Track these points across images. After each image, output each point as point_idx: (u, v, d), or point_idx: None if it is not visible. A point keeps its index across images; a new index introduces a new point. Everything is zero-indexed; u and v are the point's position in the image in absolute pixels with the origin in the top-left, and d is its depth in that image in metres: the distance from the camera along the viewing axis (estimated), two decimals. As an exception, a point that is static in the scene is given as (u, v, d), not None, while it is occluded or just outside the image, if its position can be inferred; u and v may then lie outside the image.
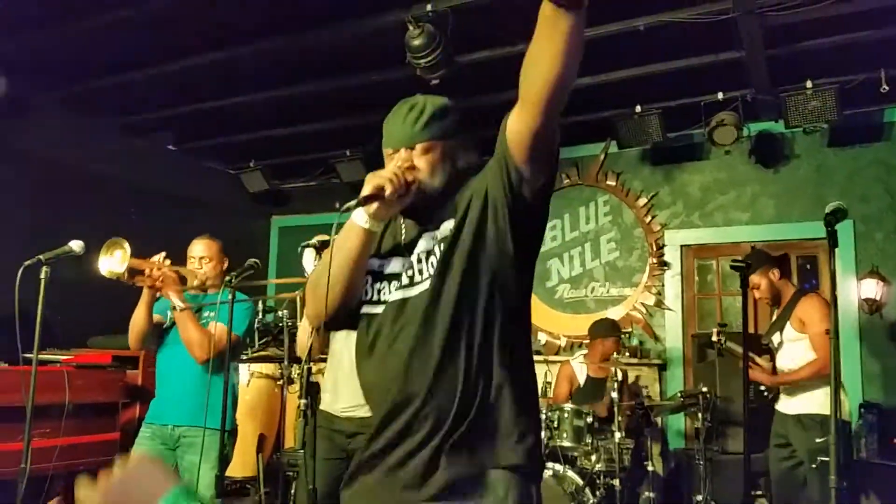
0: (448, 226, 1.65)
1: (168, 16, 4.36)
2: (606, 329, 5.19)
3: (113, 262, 3.17)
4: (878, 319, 5.33)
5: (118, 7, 4.22)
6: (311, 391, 3.22)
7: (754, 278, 4.27)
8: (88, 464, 3.99)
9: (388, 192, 1.57)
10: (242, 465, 4.72)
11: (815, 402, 3.96)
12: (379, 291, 1.70)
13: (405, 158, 1.67)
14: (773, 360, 4.29)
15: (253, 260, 3.11)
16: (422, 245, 1.68)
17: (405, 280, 1.67)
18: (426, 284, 1.62)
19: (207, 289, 3.49)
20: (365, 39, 4.55)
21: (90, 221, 3.31)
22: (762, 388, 4.35)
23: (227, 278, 2.95)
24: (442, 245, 1.64)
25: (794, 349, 4.12)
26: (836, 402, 2.06)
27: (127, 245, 3.16)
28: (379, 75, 5.02)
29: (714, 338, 4.43)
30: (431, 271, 1.63)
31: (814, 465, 3.93)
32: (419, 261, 1.66)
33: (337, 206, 1.64)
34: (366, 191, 1.57)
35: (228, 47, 4.73)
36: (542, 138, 1.51)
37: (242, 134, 6.47)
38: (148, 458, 1.04)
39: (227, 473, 4.62)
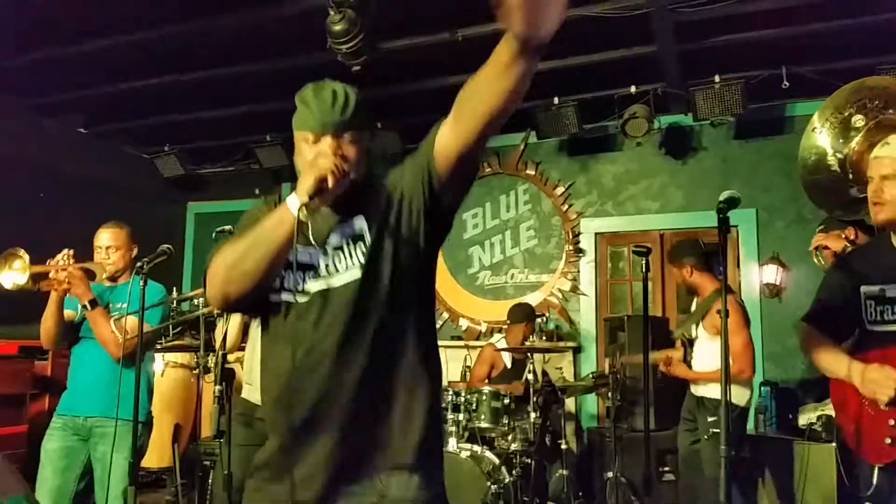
0: (360, 223, 1.67)
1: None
2: (525, 314, 5.34)
3: (14, 274, 3.06)
4: (777, 303, 5.65)
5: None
6: (227, 377, 3.22)
7: (674, 271, 4.55)
8: (-8, 457, 3.85)
9: (330, 183, 1.55)
10: (158, 456, 4.63)
11: (714, 387, 4.18)
12: (295, 281, 1.66)
13: (334, 146, 1.62)
14: (690, 348, 4.49)
15: (166, 246, 3.04)
16: (334, 239, 1.68)
17: (322, 271, 1.66)
18: (349, 276, 1.64)
19: (118, 279, 3.39)
20: (286, 22, 4.51)
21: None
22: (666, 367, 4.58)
23: (139, 265, 2.88)
24: (354, 242, 1.66)
25: (709, 349, 4.30)
26: (726, 376, 2.19)
27: (24, 253, 3.06)
28: (300, 59, 4.97)
29: (610, 371, 4.65)
30: (348, 263, 1.65)
31: (706, 437, 4.18)
32: (334, 253, 1.67)
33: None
34: (309, 182, 1.53)
35: (145, 28, 4.60)
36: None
37: (157, 117, 6.28)
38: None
39: (143, 464, 4.56)
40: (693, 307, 4.57)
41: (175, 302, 5.55)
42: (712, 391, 4.22)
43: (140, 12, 4.48)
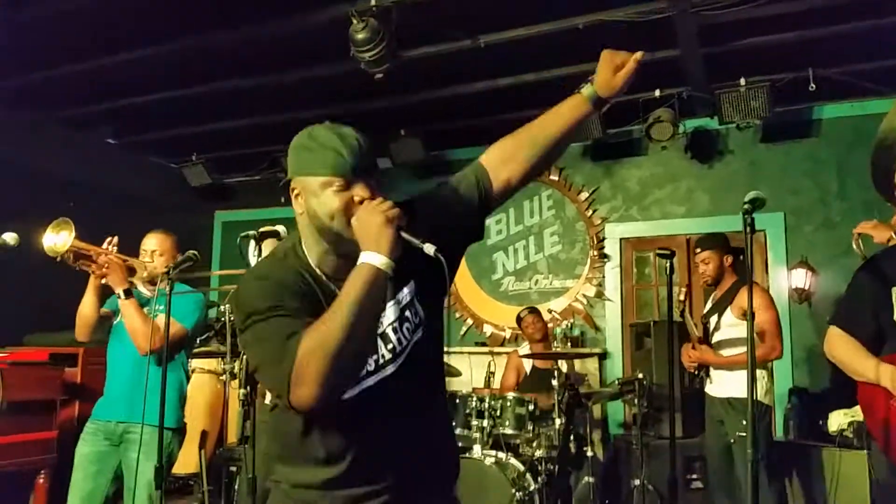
0: (410, 287, 1.59)
1: (109, 8, 4.27)
2: (527, 311, 5.55)
3: (57, 240, 3.12)
4: (806, 308, 5.57)
5: (58, -1, 4.13)
6: (252, 381, 3.25)
7: (706, 254, 4.39)
8: (25, 463, 3.92)
9: (404, 221, 1.44)
10: (185, 461, 4.67)
11: (742, 385, 4.02)
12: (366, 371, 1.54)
13: (370, 192, 1.48)
14: (707, 338, 4.44)
15: (191, 252, 3.08)
16: (389, 315, 1.57)
17: (387, 355, 1.56)
18: (417, 335, 1.60)
19: (156, 284, 3.44)
20: (310, 33, 4.54)
21: (28, 216, 3.23)
22: (693, 371, 4.53)
23: (165, 269, 2.92)
24: (408, 308, 1.59)
25: (732, 334, 4.25)
26: (752, 379, 2.17)
27: (73, 227, 3.11)
28: (324, 69, 5.02)
29: (681, 297, 4.51)
30: (409, 332, 1.59)
31: (732, 441, 4.12)
32: (395, 331, 1.58)
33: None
34: (388, 238, 1.41)
35: (170, 40, 4.67)
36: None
37: (185, 127, 6.37)
38: None
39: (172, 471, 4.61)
40: (710, 300, 4.51)
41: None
42: (737, 388, 4.15)
43: (165, 24, 4.54)
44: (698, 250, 4.48)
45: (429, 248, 1.42)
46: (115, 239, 3.25)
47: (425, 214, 1.59)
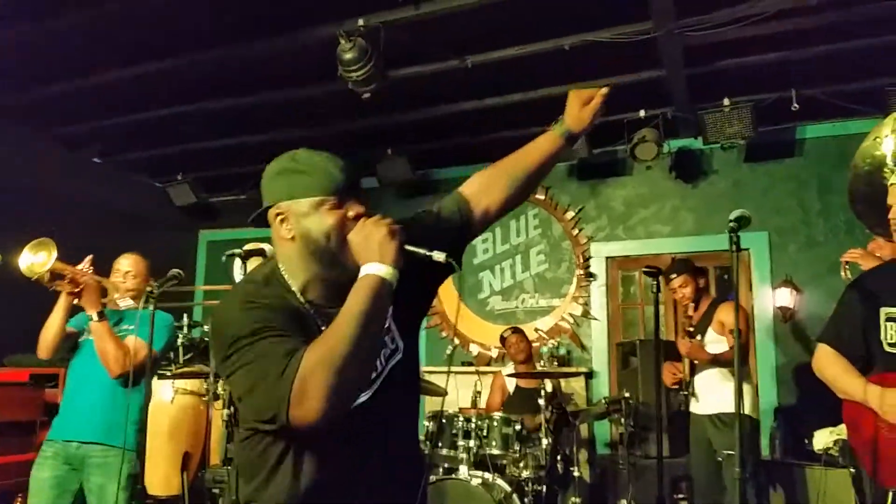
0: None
1: (96, 27, 4.27)
2: (511, 331, 5.56)
3: (35, 259, 3.08)
4: (791, 326, 5.59)
5: (45, 17, 4.12)
6: (235, 402, 3.19)
7: (681, 279, 4.54)
8: (3, 485, 3.85)
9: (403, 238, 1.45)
10: (167, 483, 4.61)
11: (728, 400, 4.09)
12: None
13: (362, 209, 1.49)
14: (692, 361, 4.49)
15: (175, 270, 3.05)
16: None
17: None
18: (398, 348, 1.60)
19: (130, 303, 3.41)
20: (297, 53, 4.55)
21: (12, 233, 3.20)
22: (676, 386, 4.56)
23: (149, 288, 2.89)
24: (386, 337, 1.56)
25: (716, 349, 4.35)
26: (739, 397, 2.17)
27: (54, 249, 3.08)
28: (311, 89, 5.02)
29: (690, 312, 4.61)
30: (384, 356, 1.56)
31: (720, 459, 4.13)
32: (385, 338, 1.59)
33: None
34: (394, 245, 1.41)
35: (157, 59, 4.66)
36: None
37: (170, 146, 6.35)
38: None
39: (151, 493, 4.54)
40: (692, 323, 4.56)
41: (186, 328, 5.60)
42: (720, 404, 4.22)
43: (152, 44, 4.54)
44: (673, 276, 4.59)
45: (438, 255, 1.43)
46: (87, 260, 3.21)
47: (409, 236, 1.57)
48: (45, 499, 3.07)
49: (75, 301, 3.19)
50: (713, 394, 4.29)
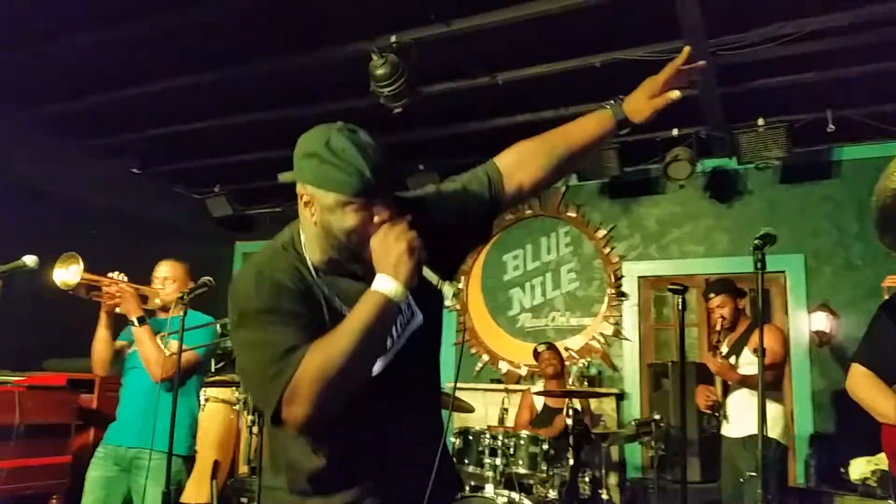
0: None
1: (136, 40, 4.40)
2: (545, 346, 5.52)
3: (67, 274, 3.17)
4: (828, 351, 5.47)
5: (87, 30, 4.25)
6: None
7: (720, 299, 4.38)
8: (38, 487, 3.93)
9: (422, 256, 1.40)
10: (197, 491, 4.66)
11: (765, 424, 4.02)
12: None
13: (389, 214, 1.43)
14: (726, 383, 4.39)
15: (206, 278, 3.11)
16: None
17: (387, 343, 1.53)
18: (406, 335, 1.55)
19: (170, 311, 3.47)
20: (331, 68, 4.63)
21: (53, 243, 3.30)
22: (709, 409, 4.46)
23: (179, 295, 2.95)
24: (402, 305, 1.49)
25: (751, 371, 4.15)
26: (762, 420, 2.14)
27: (81, 260, 3.16)
28: (345, 103, 5.10)
29: (718, 328, 4.44)
30: (403, 322, 1.54)
31: (742, 480, 4.03)
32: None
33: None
34: (409, 267, 1.38)
35: (195, 73, 4.78)
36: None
37: (208, 159, 6.48)
38: None
39: (182, 500, 4.59)
40: (726, 344, 4.44)
41: (218, 337, 5.67)
42: (751, 426, 4.05)
43: (190, 60, 4.66)
44: (711, 295, 4.45)
45: (447, 291, 1.39)
46: (119, 273, 3.29)
47: (433, 212, 1.56)
48: (95, 497, 3.17)
49: (117, 310, 3.27)
50: (743, 416, 4.19)
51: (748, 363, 4.26)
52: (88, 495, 3.18)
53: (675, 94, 1.67)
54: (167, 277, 3.46)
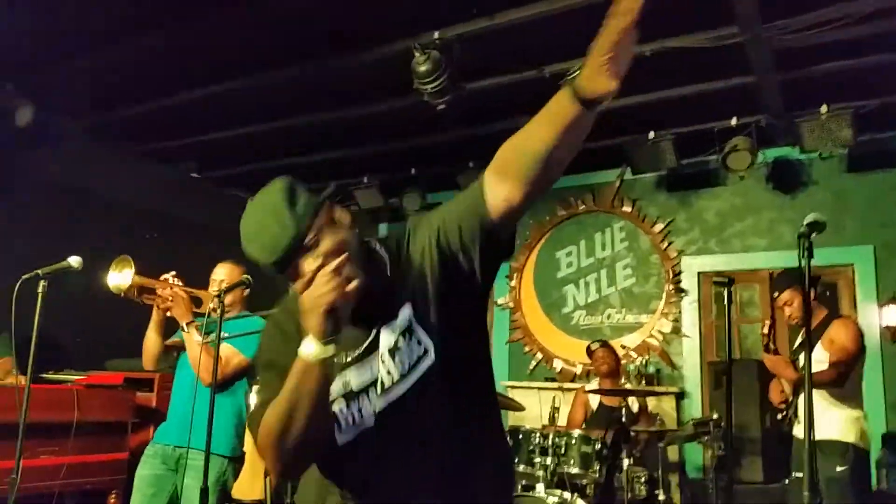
0: (406, 312, 1.46)
1: (190, 46, 4.49)
2: (599, 344, 5.43)
3: (120, 278, 3.24)
4: (900, 348, 5.19)
5: (143, 36, 4.35)
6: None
7: (787, 294, 4.10)
8: (96, 483, 4.05)
9: (340, 304, 1.32)
10: (250, 488, 4.72)
11: (835, 427, 3.79)
12: (360, 410, 1.48)
13: (315, 266, 1.34)
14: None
15: (245, 276, 3.14)
16: (385, 340, 1.47)
17: (387, 381, 1.46)
18: (424, 365, 1.46)
19: (227, 313, 3.50)
20: (375, 68, 4.62)
21: (113, 248, 3.40)
22: (779, 412, 4.24)
23: (217, 292, 2.98)
24: (407, 334, 1.46)
25: (823, 361, 3.93)
26: (809, 414, 2.01)
27: (133, 264, 3.23)
28: (391, 102, 5.09)
29: (765, 330, 4.17)
30: (410, 360, 1.46)
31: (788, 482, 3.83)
32: (391, 356, 1.47)
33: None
34: (317, 322, 1.31)
35: (246, 76, 4.84)
36: (523, 211, 1.42)
37: (263, 162, 6.58)
38: None
39: (235, 496, 4.67)
40: (800, 336, 4.21)
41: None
42: (826, 430, 3.76)
43: (242, 64, 4.72)
44: (776, 293, 4.18)
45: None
46: (173, 274, 3.35)
47: (433, 233, 1.49)
48: (142, 495, 3.23)
49: (168, 314, 3.33)
50: (816, 418, 3.90)
51: (819, 360, 3.95)
52: (137, 493, 3.25)
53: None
54: (224, 280, 3.46)
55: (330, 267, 1.30)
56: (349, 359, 1.49)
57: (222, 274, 3.51)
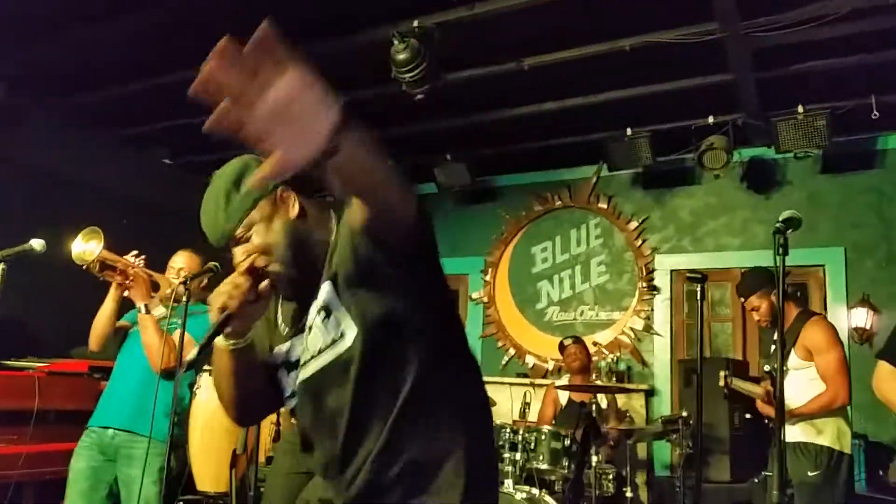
0: (324, 292, 1.48)
1: (165, 28, 4.38)
2: (571, 340, 5.43)
3: (85, 248, 3.15)
4: (867, 349, 5.23)
5: (117, 18, 4.24)
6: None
7: (753, 300, 4.04)
8: (56, 473, 3.94)
9: (232, 307, 1.44)
10: (216, 480, 4.64)
11: (814, 430, 3.75)
12: (295, 381, 1.59)
13: (239, 253, 1.52)
14: (773, 386, 4.10)
15: (212, 263, 3.07)
16: (310, 317, 1.52)
17: (302, 357, 1.55)
18: (344, 343, 1.46)
19: (179, 299, 3.44)
20: (353, 56, 4.55)
21: (83, 231, 3.31)
22: (765, 419, 4.22)
23: (182, 278, 2.92)
24: (327, 311, 1.48)
25: (800, 379, 3.86)
26: (780, 413, 2.00)
27: (102, 238, 3.15)
28: (367, 92, 5.02)
29: (721, 383, 4.21)
30: (325, 340, 1.48)
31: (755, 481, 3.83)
32: (312, 333, 1.52)
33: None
34: (213, 317, 1.45)
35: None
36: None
37: (238, 150, 6.45)
38: None
39: (201, 488, 4.60)
40: (774, 343, 4.21)
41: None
42: (805, 433, 3.76)
43: (208, 47, 4.62)
44: (742, 299, 4.14)
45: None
46: (136, 253, 3.28)
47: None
48: (80, 489, 3.14)
49: (125, 294, 3.25)
50: (801, 422, 3.88)
51: (795, 368, 3.89)
52: (73, 487, 3.14)
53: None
54: (182, 268, 3.42)
55: (238, 270, 1.47)
56: (289, 331, 1.61)
57: (181, 262, 3.47)
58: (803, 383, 3.82)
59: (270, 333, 1.66)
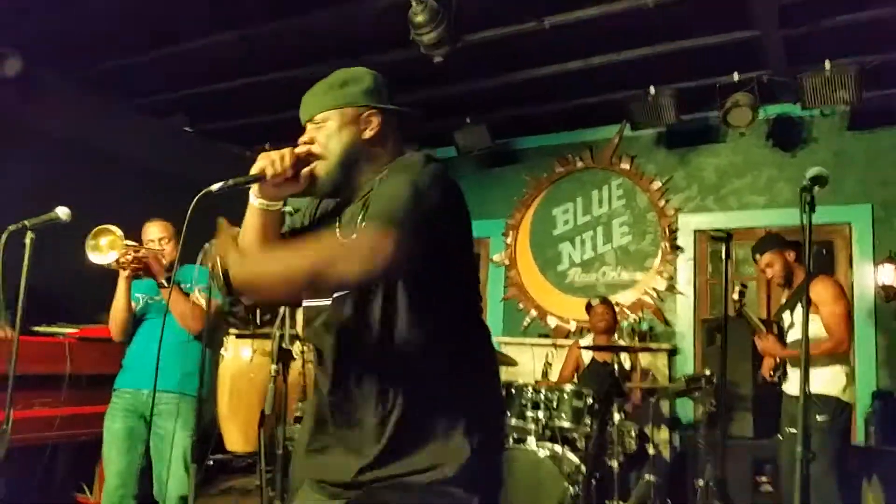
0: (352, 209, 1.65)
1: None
2: (599, 300, 5.46)
3: (106, 258, 3.21)
4: (894, 306, 5.19)
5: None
6: (284, 358, 3.27)
7: (767, 257, 4.18)
8: (90, 434, 4.05)
9: (268, 174, 1.56)
10: (245, 440, 4.75)
11: (820, 380, 3.88)
12: None
13: (305, 134, 1.67)
14: (782, 339, 4.20)
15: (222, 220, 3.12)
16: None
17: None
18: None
19: (171, 268, 3.50)
20: (372, 19, 4.51)
21: (105, 201, 3.37)
22: (770, 371, 4.30)
23: (206, 246, 2.96)
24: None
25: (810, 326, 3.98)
26: (805, 372, 2.02)
27: (114, 233, 3.19)
28: (386, 56, 4.98)
29: (735, 297, 4.27)
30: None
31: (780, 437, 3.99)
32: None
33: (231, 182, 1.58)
34: (253, 170, 1.57)
35: (240, 28, 4.72)
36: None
37: (257, 116, 6.47)
38: None
39: (230, 448, 4.72)
40: (784, 299, 4.25)
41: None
42: (812, 384, 3.85)
43: (235, 15, 4.60)
44: (757, 256, 4.25)
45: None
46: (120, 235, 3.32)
47: None
48: (119, 450, 3.30)
49: (141, 274, 3.33)
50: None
51: (802, 321, 4.02)
52: (112, 447, 3.30)
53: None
54: (162, 237, 3.52)
55: (291, 150, 1.61)
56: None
57: (158, 232, 3.55)
58: (811, 334, 3.90)
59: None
